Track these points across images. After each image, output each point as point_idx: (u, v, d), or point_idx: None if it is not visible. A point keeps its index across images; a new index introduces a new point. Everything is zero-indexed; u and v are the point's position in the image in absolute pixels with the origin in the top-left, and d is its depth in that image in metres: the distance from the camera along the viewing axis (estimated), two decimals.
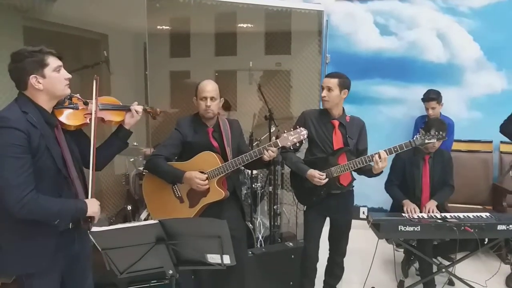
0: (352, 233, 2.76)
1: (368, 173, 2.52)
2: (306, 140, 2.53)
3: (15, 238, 1.68)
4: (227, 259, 1.65)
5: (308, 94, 4.25)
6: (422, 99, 3.79)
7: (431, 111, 3.70)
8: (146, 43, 3.40)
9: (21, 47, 1.70)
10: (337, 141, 2.57)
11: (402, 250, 3.37)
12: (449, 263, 2.94)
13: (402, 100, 4.30)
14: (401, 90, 4.29)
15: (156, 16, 3.72)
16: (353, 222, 2.75)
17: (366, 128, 2.67)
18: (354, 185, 2.71)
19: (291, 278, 2.96)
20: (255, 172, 3.62)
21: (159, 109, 2.29)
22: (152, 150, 3.45)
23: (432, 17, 4.18)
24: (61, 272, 1.81)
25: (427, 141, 2.45)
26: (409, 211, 2.82)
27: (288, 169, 3.30)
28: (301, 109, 3.02)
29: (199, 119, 2.50)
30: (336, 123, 2.58)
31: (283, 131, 2.36)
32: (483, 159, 4.05)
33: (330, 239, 2.77)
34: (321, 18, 4.04)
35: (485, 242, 2.76)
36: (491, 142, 4.06)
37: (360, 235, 2.99)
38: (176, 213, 2.44)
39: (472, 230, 2.52)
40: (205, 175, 2.37)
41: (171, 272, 1.68)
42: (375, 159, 2.39)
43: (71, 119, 1.83)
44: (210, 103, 2.39)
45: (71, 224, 1.77)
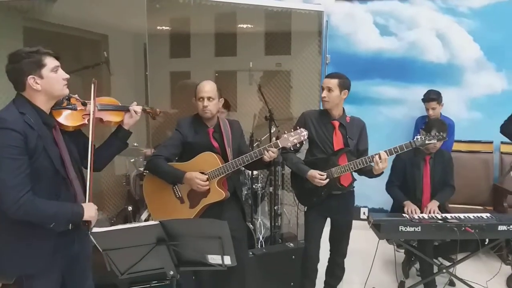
0: (353, 233, 2.75)
1: (369, 173, 2.52)
2: (307, 141, 2.53)
3: (12, 239, 1.68)
4: (227, 260, 1.65)
5: (308, 94, 4.24)
6: (422, 99, 3.79)
7: (431, 112, 3.70)
8: (146, 43, 3.40)
9: (20, 47, 1.69)
10: (337, 141, 2.57)
11: (403, 251, 3.37)
12: (449, 263, 2.94)
13: (402, 101, 4.30)
14: (401, 90, 4.29)
15: (156, 16, 3.71)
16: (354, 222, 2.75)
17: (366, 128, 2.67)
18: (354, 186, 2.71)
19: (291, 279, 2.96)
20: (255, 172, 3.62)
21: (158, 109, 2.29)
22: (152, 150, 3.44)
23: (432, 18, 4.18)
24: (61, 273, 1.80)
25: (427, 141, 2.44)
26: (410, 211, 2.82)
27: (288, 169, 3.31)
28: (301, 109, 3.03)
29: (199, 119, 2.51)
30: (337, 123, 2.58)
31: (284, 132, 2.36)
32: (483, 159, 4.05)
33: (331, 239, 2.77)
34: (321, 19, 4.03)
35: (486, 243, 2.75)
36: (491, 142, 4.06)
37: (361, 235, 2.99)
38: (176, 213, 2.44)
39: (473, 231, 2.52)
40: (206, 176, 2.37)
41: (172, 273, 1.68)
42: (375, 159, 2.39)
43: (69, 120, 1.82)
44: (207, 103, 2.40)
45: (70, 225, 1.77)
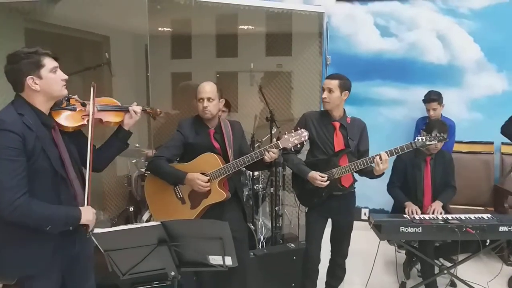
0: (354, 234, 2.75)
1: (370, 174, 2.52)
2: (307, 142, 2.54)
3: (12, 241, 1.67)
4: (228, 261, 1.65)
5: (309, 95, 4.25)
6: (423, 100, 3.80)
7: (432, 112, 3.71)
8: (147, 44, 3.40)
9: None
10: (338, 142, 2.57)
11: (404, 252, 3.37)
12: (451, 264, 2.94)
13: (402, 102, 4.30)
14: (401, 91, 4.29)
15: (157, 17, 3.72)
16: (355, 223, 2.75)
17: (367, 129, 2.67)
18: (355, 187, 2.71)
19: (292, 280, 2.96)
20: (256, 173, 3.62)
21: (159, 110, 2.29)
22: (154, 151, 3.45)
23: (432, 19, 4.19)
24: (61, 273, 1.80)
25: (428, 142, 2.44)
26: (411, 212, 2.82)
27: (289, 170, 3.31)
28: (302, 110, 3.03)
29: (200, 120, 2.51)
30: (337, 124, 2.58)
31: (284, 133, 2.36)
32: (484, 160, 4.04)
33: (332, 240, 2.77)
34: (321, 20, 4.04)
35: (487, 244, 2.75)
36: (492, 143, 4.06)
37: (362, 236, 2.99)
38: (177, 214, 2.45)
39: (474, 232, 2.51)
40: (207, 177, 2.37)
41: (173, 273, 1.69)
42: (376, 160, 2.39)
43: (68, 121, 1.82)
44: (207, 104, 2.42)
45: (71, 227, 1.76)
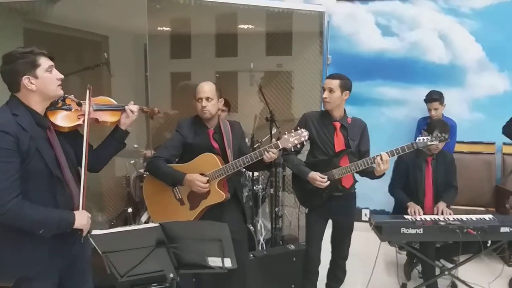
0: (354, 235, 2.74)
1: (370, 175, 2.50)
2: (308, 142, 2.52)
3: (8, 243, 1.65)
4: (228, 263, 1.63)
5: (309, 95, 4.23)
6: (424, 100, 3.78)
7: (433, 112, 3.69)
8: (146, 44, 3.39)
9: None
10: (338, 143, 2.55)
11: (405, 253, 3.35)
12: (452, 265, 2.93)
13: (404, 102, 4.28)
14: (403, 91, 4.27)
15: (156, 17, 3.71)
16: (355, 224, 2.73)
17: (368, 129, 2.65)
18: (356, 187, 2.69)
19: (292, 281, 2.95)
20: (256, 174, 3.60)
21: (156, 109, 2.27)
22: (153, 152, 3.43)
23: (434, 18, 4.17)
24: (59, 275, 1.78)
25: (429, 143, 2.42)
26: (413, 212, 2.80)
27: (289, 171, 3.29)
28: (303, 110, 3.01)
29: (199, 120, 2.50)
30: (338, 125, 2.57)
31: (284, 133, 2.35)
32: (485, 160, 4.02)
33: (332, 241, 2.75)
34: (322, 19, 4.02)
35: (488, 245, 2.72)
36: (493, 143, 4.04)
37: (362, 237, 2.97)
38: (176, 215, 2.43)
39: (475, 233, 2.49)
40: (206, 178, 2.36)
41: (171, 275, 1.67)
42: (377, 161, 2.37)
43: (64, 121, 1.80)
44: (206, 104, 2.41)
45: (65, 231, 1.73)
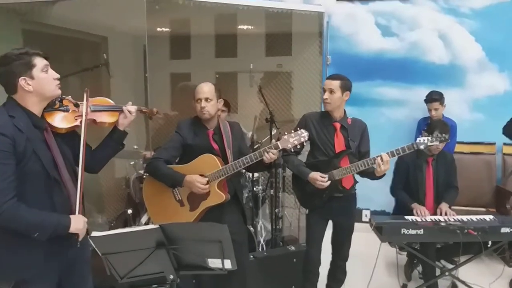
0: (355, 236, 2.73)
1: (371, 175, 2.50)
2: (308, 143, 2.51)
3: (2, 246, 1.64)
4: (228, 264, 1.63)
5: (309, 96, 4.23)
6: (424, 100, 3.77)
7: (434, 112, 3.68)
8: (145, 45, 3.38)
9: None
10: (338, 143, 2.55)
11: (405, 253, 3.35)
12: (452, 266, 2.92)
13: (404, 102, 4.27)
14: (403, 91, 4.27)
15: (155, 18, 3.70)
16: (356, 225, 2.73)
17: (368, 130, 2.65)
18: (356, 188, 2.69)
19: (293, 282, 2.94)
20: (256, 175, 3.59)
21: (155, 109, 2.25)
22: (152, 153, 3.43)
23: (434, 18, 4.16)
24: (57, 277, 1.77)
25: (430, 143, 2.42)
26: (420, 213, 2.77)
27: (289, 172, 3.29)
28: (302, 111, 3.01)
29: (199, 121, 2.50)
30: (338, 125, 2.56)
31: (284, 133, 2.34)
32: (486, 161, 4.01)
33: (333, 242, 2.75)
34: (321, 20, 4.02)
35: (489, 245, 2.72)
36: (494, 144, 4.02)
37: (363, 238, 2.96)
38: (176, 216, 2.43)
39: (476, 233, 2.50)
40: (206, 179, 2.35)
41: (171, 277, 1.67)
42: (377, 162, 2.36)
43: (61, 122, 1.79)
44: (205, 104, 2.40)
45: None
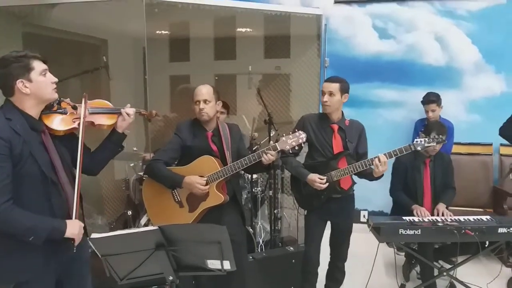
0: (353, 236, 2.75)
1: (369, 176, 2.52)
2: (306, 144, 2.53)
3: (1, 249, 1.64)
4: (227, 265, 1.63)
5: (307, 97, 4.25)
6: (422, 101, 3.79)
7: (431, 114, 3.70)
8: (145, 47, 3.40)
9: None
10: (336, 145, 2.57)
11: (403, 254, 3.36)
12: (450, 266, 2.93)
13: (401, 103, 4.29)
14: (400, 93, 4.29)
15: (155, 21, 3.72)
16: (354, 225, 2.75)
17: (366, 131, 2.67)
18: (354, 189, 2.70)
19: (292, 283, 2.95)
20: (255, 176, 3.61)
21: (154, 111, 2.26)
22: (152, 155, 3.44)
23: (431, 20, 4.19)
24: (56, 278, 1.77)
25: (427, 144, 2.44)
26: (420, 214, 2.78)
27: (288, 173, 3.30)
28: (301, 113, 3.02)
29: (198, 123, 2.51)
30: (335, 127, 2.58)
31: (282, 135, 2.36)
32: (483, 161, 4.04)
33: (331, 243, 2.76)
34: (319, 22, 4.05)
35: (486, 245, 2.74)
36: (491, 144, 4.06)
37: (361, 238, 2.98)
38: (176, 218, 2.44)
39: (473, 233, 2.50)
40: (205, 179, 2.37)
41: (171, 278, 1.67)
42: (375, 163, 2.39)
43: (58, 124, 1.79)
44: (203, 106, 2.43)
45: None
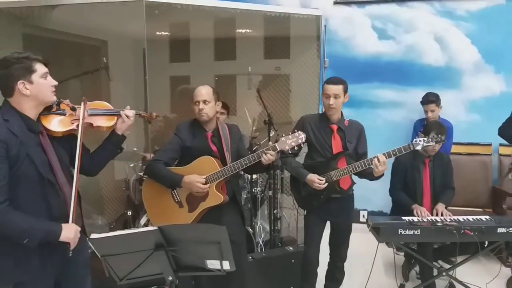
0: (352, 236, 2.76)
1: (369, 176, 2.52)
2: (305, 145, 2.54)
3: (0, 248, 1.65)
4: (226, 265, 1.64)
5: (307, 98, 4.25)
6: (421, 102, 3.80)
7: (430, 114, 3.71)
8: (145, 48, 3.41)
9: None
10: (336, 145, 2.58)
11: (403, 254, 3.36)
12: (449, 266, 2.94)
13: (400, 104, 4.30)
14: (399, 93, 4.30)
15: (155, 22, 3.72)
16: (353, 225, 2.75)
17: (365, 131, 2.67)
18: (354, 189, 2.71)
19: (291, 283, 2.96)
20: (254, 176, 3.62)
21: (155, 113, 2.27)
22: (152, 155, 3.45)
23: (430, 21, 4.19)
24: (55, 278, 1.77)
25: (426, 144, 2.45)
26: (420, 214, 2.78)
27: (287, 173, 3.31)
28: (301, 113, 3.03)
29: (198, 123, 2.52)
30: (335, 127, 2.59)
31: (281, 135, 2.37)
32: (482, 161, 4.05)
33: (331, 243, 2.77)
34: (319, 23, 4.06)
35: (485, 245, 2.74)
36: (490, 144, 4.06)
37: (360, 238, 2.98)
38: (175, 218, 2.45)
39: (472, 233, 2.51)
40: (204, 177, 2.37)
41: (170, 278, 1.68)
42: (374, 163, 2.39)
43: (57, 126, 1.80)
44: (203, 106, 2.43)
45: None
